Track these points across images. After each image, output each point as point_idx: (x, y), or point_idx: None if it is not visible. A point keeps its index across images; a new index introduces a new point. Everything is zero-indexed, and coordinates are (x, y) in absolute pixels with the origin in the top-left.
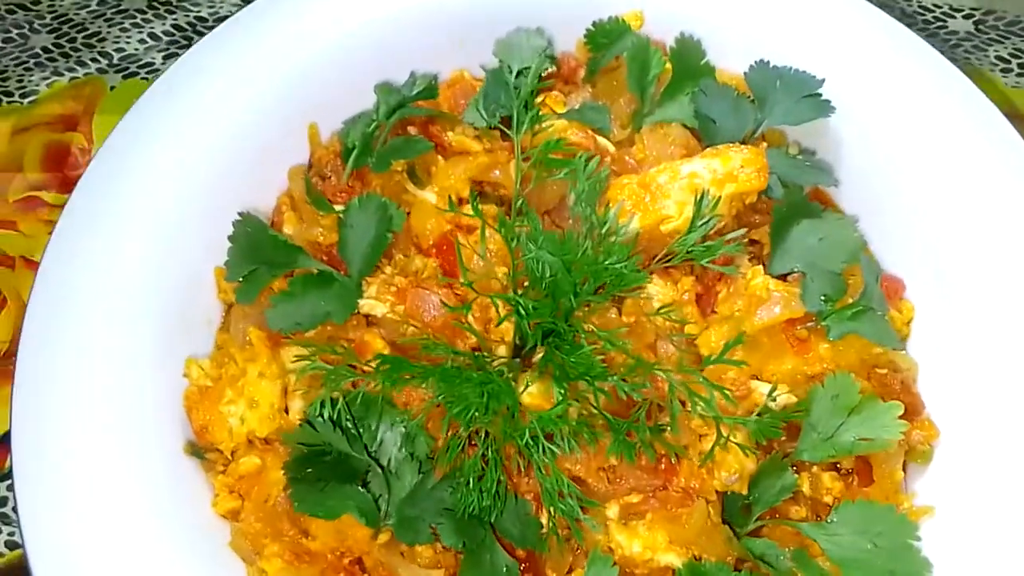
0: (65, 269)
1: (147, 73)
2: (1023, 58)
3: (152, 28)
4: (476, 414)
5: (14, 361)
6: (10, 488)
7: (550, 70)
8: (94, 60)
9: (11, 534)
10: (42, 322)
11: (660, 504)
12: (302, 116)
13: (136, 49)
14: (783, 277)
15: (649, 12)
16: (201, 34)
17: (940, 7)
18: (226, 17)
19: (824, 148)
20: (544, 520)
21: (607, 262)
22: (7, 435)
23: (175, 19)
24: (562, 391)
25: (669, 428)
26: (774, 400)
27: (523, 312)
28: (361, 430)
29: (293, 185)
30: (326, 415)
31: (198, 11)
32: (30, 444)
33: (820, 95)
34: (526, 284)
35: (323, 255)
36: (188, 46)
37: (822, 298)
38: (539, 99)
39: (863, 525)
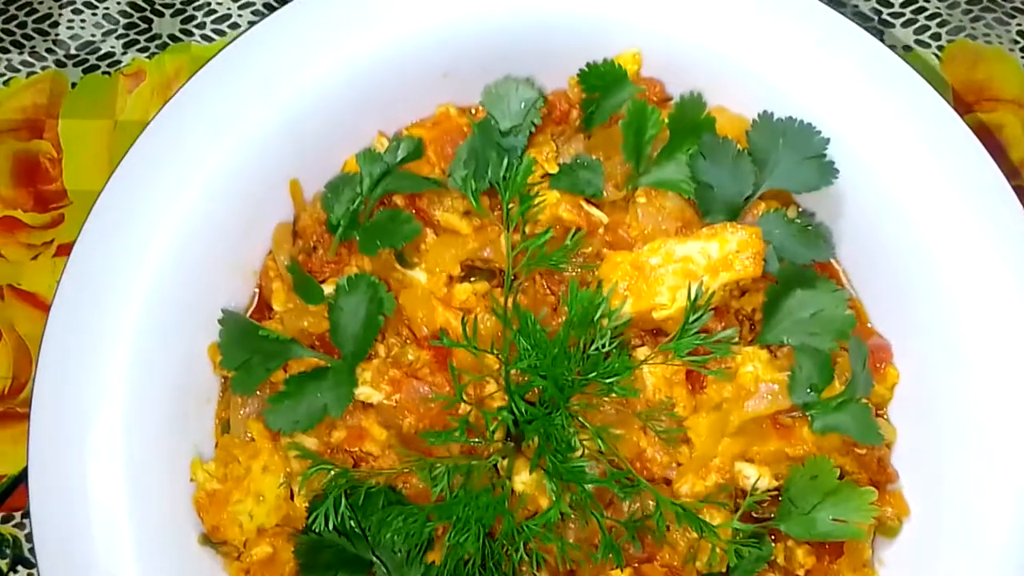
0: (64, 348)
1: (108, 66)
2: None
3: (107, 8)
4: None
5: (17, 402)
6: (29, 538)
7: (539, 123)
8: (50, 51)
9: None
10: (48, 403)
11: None
12: (287, 162)
13: (93, 35)
14: (773, 348)
15: (647, 47)
16: (158, 13)
17: None
18: None
19: (824, 207)
20: None
21: (596, 374)
22: (19, 477)
23: None
24: (554, 488)
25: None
26: (757, 491)
27: (516, 413)
28: (363, 522)
29: (278, 250)
30: (330, 525)
31: None
32: (52, 539)
33: (824, 156)
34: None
35: (315, 340)
36: (147, 30)
37: (808, 389)
38: (529, 156)
39: None
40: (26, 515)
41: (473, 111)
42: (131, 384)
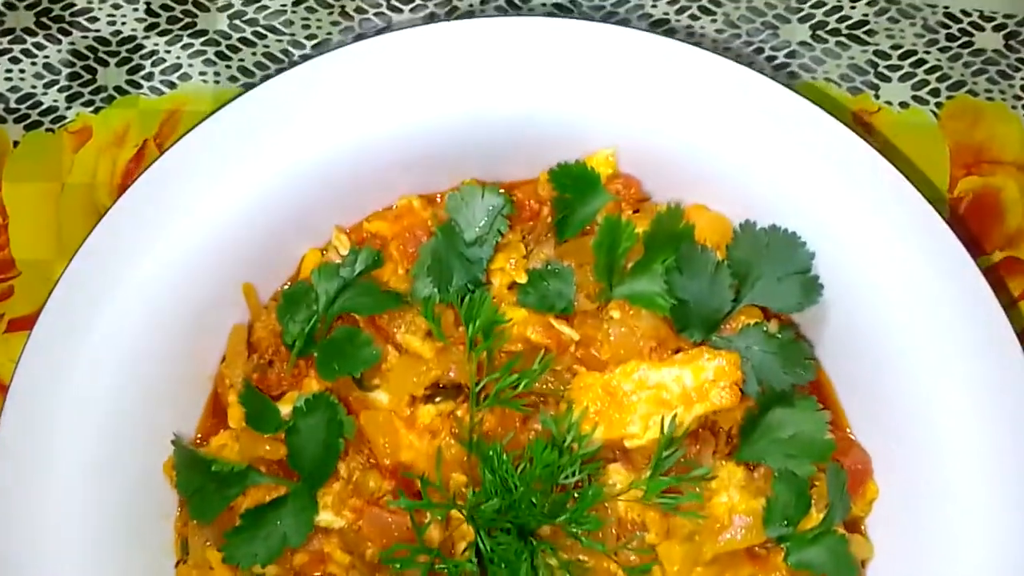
0: (16, 460)
1: (51, 122)
2: None
3: (47, 56)
4: None
5: None
6: None
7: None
8: None
9: None
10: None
11: None
12: (241, 260)
13: (33, 86)
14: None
15: (623, 143)
16: (102, 62)
17: (969, 15)
18: (129, 39)
19: (806, 315)
20: None
21: (566, 516)
22: None
23: (72, 43)
24: None
25: None
26: None
27: (482, 550)
28: None
29: (233, 364)
30: None
31: (97, 31)
32: None
33: (808, 271)
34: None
35: (274, 464)
36: (92, 81)
37: (784, 521)
38: (496, 264)
39: None
40: None
41: (438, 198)
42: (86, 495)
